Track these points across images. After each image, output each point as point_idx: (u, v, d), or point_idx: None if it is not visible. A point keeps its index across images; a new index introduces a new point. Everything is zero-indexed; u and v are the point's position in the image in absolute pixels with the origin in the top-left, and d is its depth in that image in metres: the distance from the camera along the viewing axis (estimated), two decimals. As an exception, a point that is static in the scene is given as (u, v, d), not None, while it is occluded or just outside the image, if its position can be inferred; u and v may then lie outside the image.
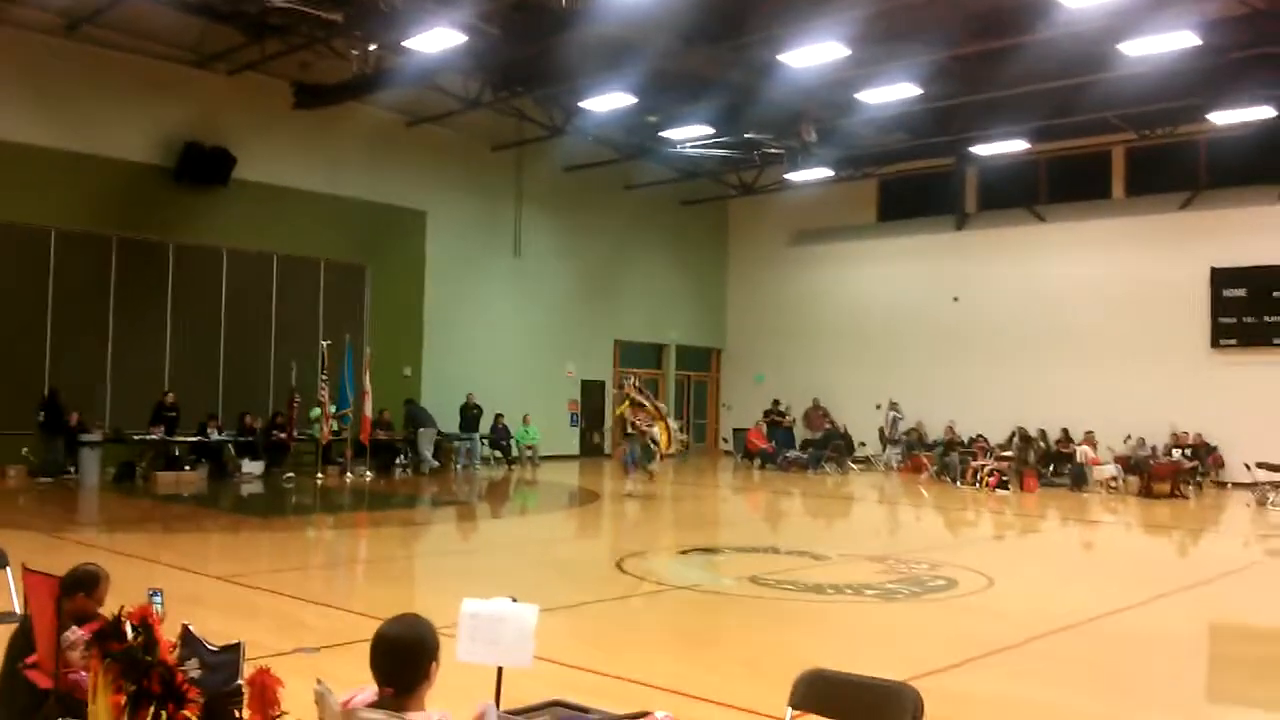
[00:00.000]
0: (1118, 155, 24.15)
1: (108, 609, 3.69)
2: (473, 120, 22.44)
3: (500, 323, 24.68)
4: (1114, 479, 20.17)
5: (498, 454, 23.45)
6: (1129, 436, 21.80)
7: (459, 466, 22.26)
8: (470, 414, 22.53)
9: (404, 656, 2.83)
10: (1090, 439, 21.63)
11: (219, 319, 20.38)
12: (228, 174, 19.78)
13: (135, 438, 18.27)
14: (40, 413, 17.61)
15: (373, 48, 18.36)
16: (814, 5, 15.29)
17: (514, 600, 3.71)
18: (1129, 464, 20.81)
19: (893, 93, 18.59)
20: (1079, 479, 20.42)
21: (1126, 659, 7.58)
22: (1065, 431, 22.50)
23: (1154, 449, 21.47)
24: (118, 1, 17.00)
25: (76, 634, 4.43)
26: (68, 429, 17.54)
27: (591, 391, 27.26)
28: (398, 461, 21.19)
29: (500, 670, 3.76)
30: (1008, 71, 17.65)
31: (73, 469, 17.33)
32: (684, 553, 11.95)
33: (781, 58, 16.61)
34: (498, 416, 23.21)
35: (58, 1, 17.22)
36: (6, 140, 17.49)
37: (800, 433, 26.98)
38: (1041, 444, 22.58)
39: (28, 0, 17.15)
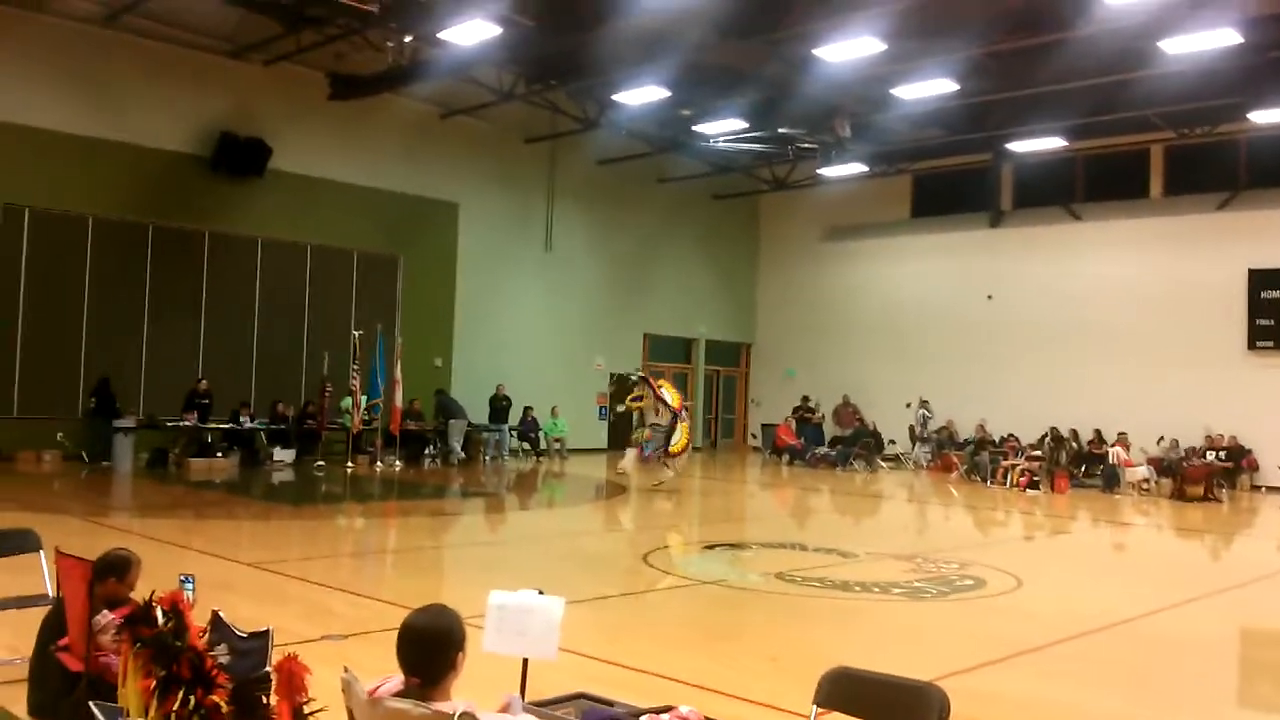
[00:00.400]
0: (1156, 154, 23.87)
1: (139, 594, 3.72)
2: (506, 113, 22.50)
3: (530, 315, 24.75)
4: (1146, 481, 19.97)
5: (526, 446, 23.52)
6: (1162, 438, 21.57)
7: (487, 458, 22.34)
8: (499, 406, 22.61)
9: (430, 647, 2.84)
10: (1123, 440, 21.40)
11: (253, 308, 20.56)
12: (263, 164, 19.94)
13: (169, 424, 18.47)
14: (91, 399, 17.89)
15: (408, 39, 18.44)
16: (850, 0, 15.21)
17: (540, 592, 3.73)
18: (1162, 466, 20.60)
19: (929, 88, 18.47)
20: (1111, 480, 20.22)
21: (1157, 662, 7.50)
22: (1098, 432, 22.28)
23: (1187, 451, 21.22)
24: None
25: (108, 618, 4.48)
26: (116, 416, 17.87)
27: (621, 385, 27.26)
28: (427, 452, 21.30)
29: (525, 662, 3.77)
30: (1046, 68, 17.49)
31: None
32: (710, 548, 11.94)
33: (817, 52, 16.54)
34: (527, 409, 23.27)
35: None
36: (45, 128, 17.71)
37: (829, 429, 26.88)
38: (1073, 444, 22.38)
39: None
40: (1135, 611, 8.92)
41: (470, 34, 16.32)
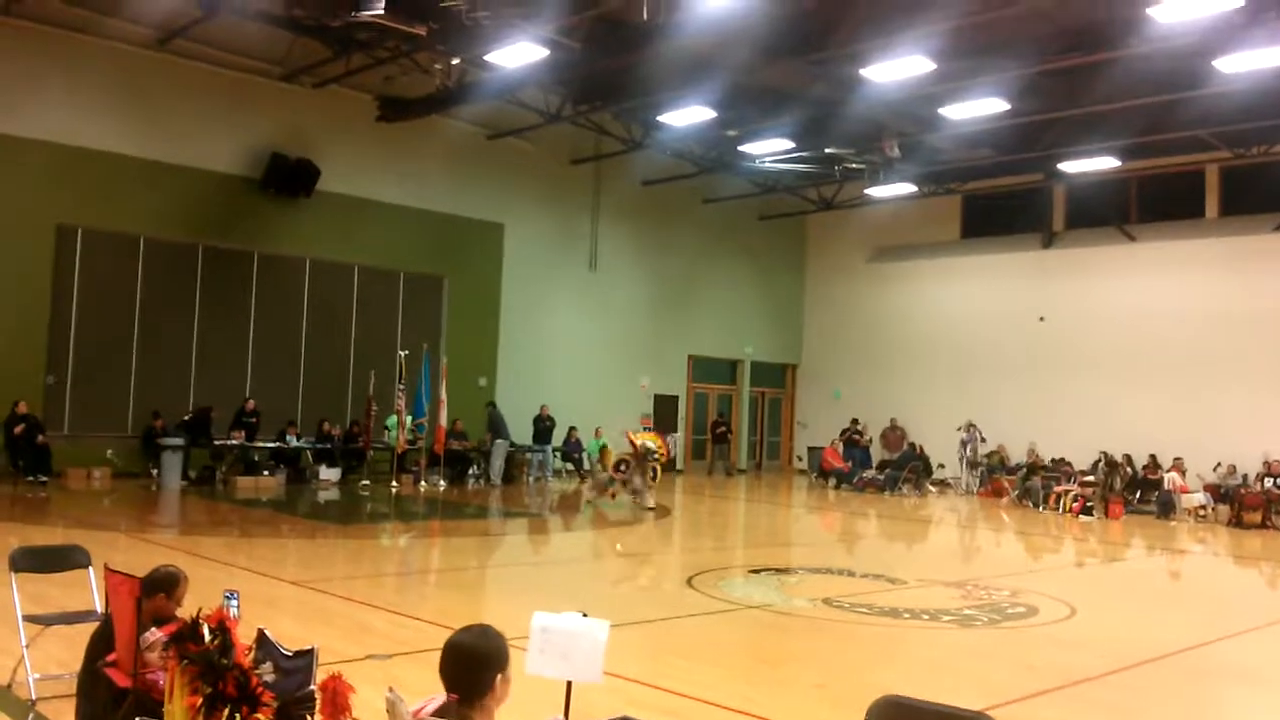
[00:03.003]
0: (1211, 174, 23.49)
1: (186, 610, 3.72)
2: (552, 134, 22.62)
3: (575, 335, 24.78)
4: (1203, 508, 19.55)
5: (569, 466, 23.48)
6: (1219, 464, 21.11)
7: (531, 478, 22.34)
8: (543, 426, 22.60)
9: (469, 664, 2.83)
10: (1179, 466, 20.98)
11: (300, 327, 20.76)
12: (312, 185, 20.17)
13: (216, 442, 18.67)
14: (189, 418, 18.36)
15: (455, 62, 18.63)
16: (899, 19, 15.11)
17: (585, 615, 3.67)
18: (1219, 493, 20.17)
19: (979, 108, 18.29)
20: (1166, 507, 19.82)
21: (1214, 694, 7.30)
22: (1153, 458, 21.87)
23: (1245, 477, 20.76)
24: (208, 16, 17.46)
25: (155, 635, 4.49)
26: (209, 443, 18.43)
27: (665, 405, 27.21)
28: (471, 472, 21.34)
29: (569, 684, 3.71)
30: (1098, 87, 17.26)
31: (155, 471, 17.74)
32: (755, 572, 11.81)
33: (864, 72, 16.44)
34: (571, 429, 23.26)
35: (151, 16, 17.76)
36: (99, 150, 18.05)
37: (877, 453, 26.60)
38: (1128, 470, 21.97)
39: (121, 14, 17.72)
40: (1191, 641, 8.70)
41: (517, 56, 16.41)
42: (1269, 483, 20.46)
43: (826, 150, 23.01)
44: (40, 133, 17.46)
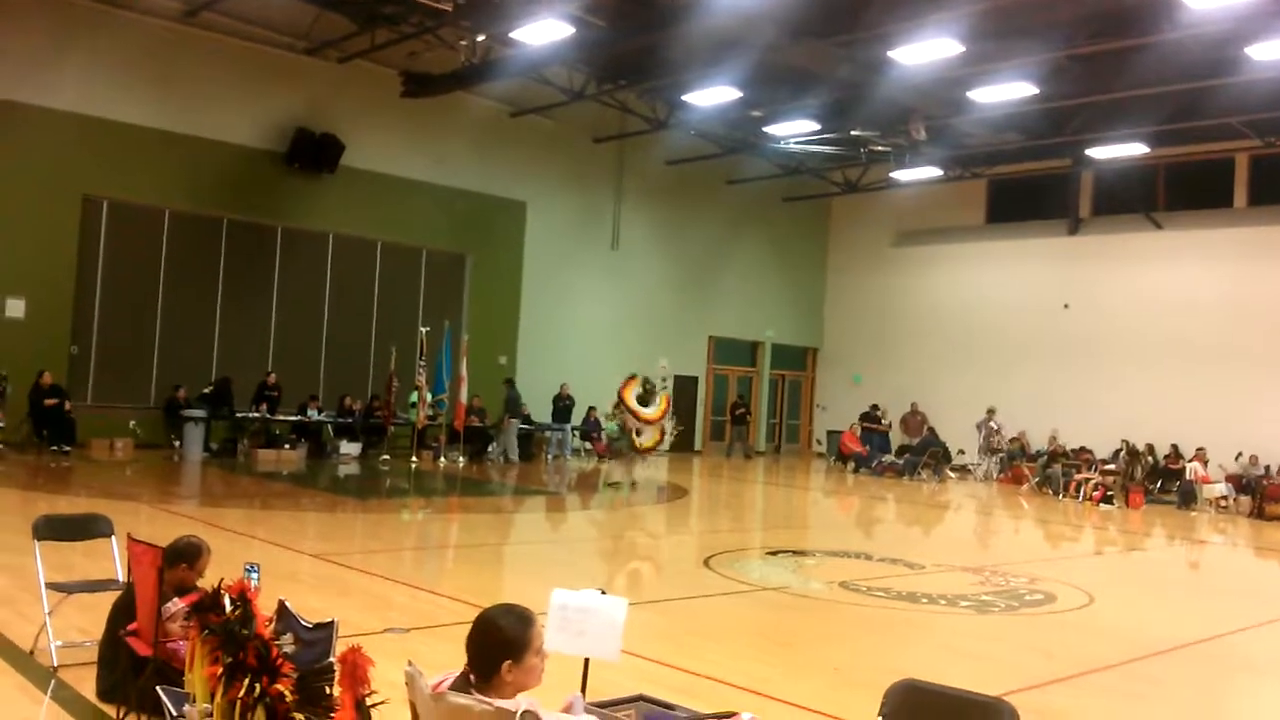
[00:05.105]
0: (1241, 162, 23.23)
1: (207, 581, 3.75)
2: (576, 112, 22.54)
3: (595, 315, 24.78)
4: (1224, 498, 19.44)
5: (588, 445, 23.52)
6: (1241, 454, 20.95)
7: (550, 457, 22.39)
8: (562, 405, 22.63)
9: (482, 642, 2.84)
10: (1201, 455, 20.84)
11: (322, 302, 20.84)
12: (336, 160, 20.20)
13: (238, 415, 18.78)
14: (209, 390, 18.51)
15: (480, 38, 18.57)
16: (927, 1, 14.97)
17: (603, 592, 3.68)
18: (1241, 483, 20.03)
19: (1007, 91, 18.11)
20: (1187, 497, 19.70)
21: (1232, 685, 7.26)
22: (1175, 447, 21.73)
23: (1267, 468, 20.61)
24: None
25: (177, 605, 4.53)
26: (230, 414, 18.59)
27: (685, 387, 27.19)
28: (490, 449, 21.40)
29: (587, 662, 3.73)
30: (1128, 73, 17.07)
31: (177, 443, 17.88)
32: (773, 554, 11.81)
33: (892, 54, 16.30)
34: (590, 409, 23.28)
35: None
36: (124, 122, 18.09)
37: (896, 438, 26.52)
38: (1149, 459, 21.83)
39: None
40: (1211, 632, 8.65)
41: (542, 33, 16.36)
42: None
43: (852, 132, 22.87)
44: (67, 104, 17.52)
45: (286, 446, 18.94)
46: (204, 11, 18.41)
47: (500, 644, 2.82)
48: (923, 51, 16.08)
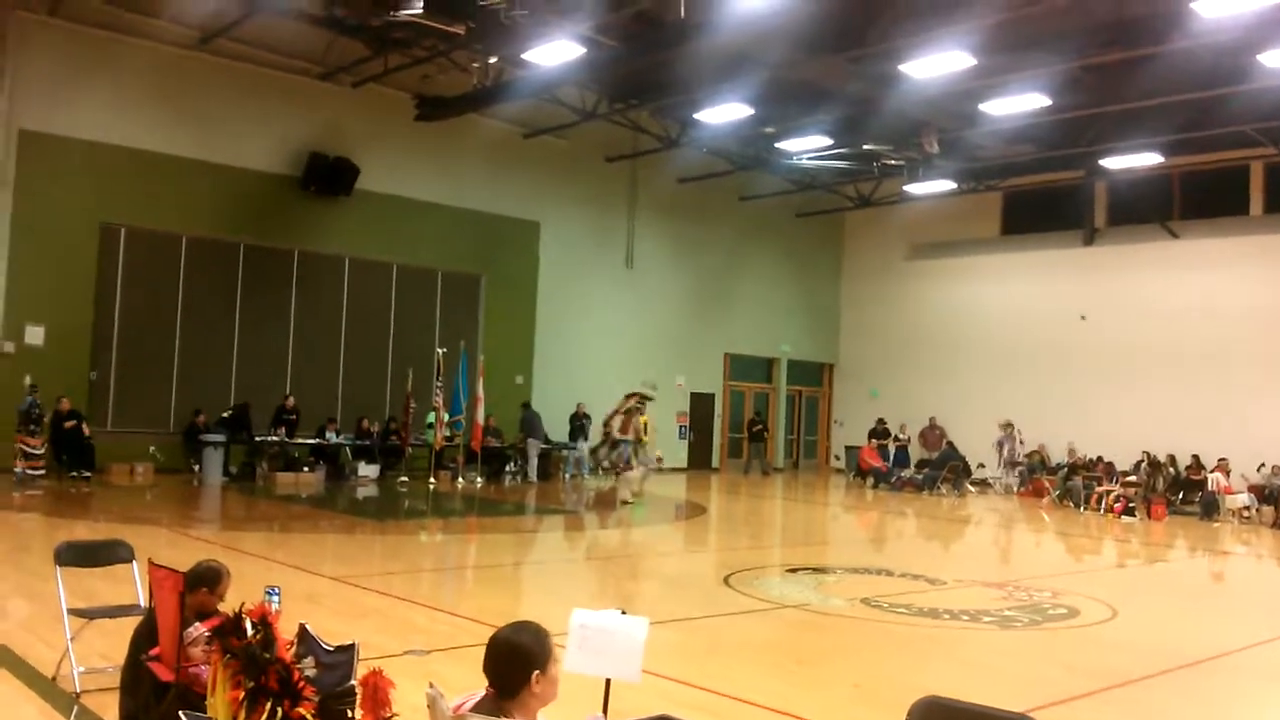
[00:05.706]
0: (1256, 171, 23.13)
1: (228, 605, 3.75)
2: (588, 132, 22.63)
3: (611, 333, 24.80)
4: (1247, 509, 19.27)
5: (606, 465, 23.45)
6: (1263, 464, 20.77)
7: (567, 476, 22.38)
8: (579, 424, 22.63)
9: (506, 660, 2.88)
10: (1223, 466, 20.66)
11: (339, 325, 20.93)
12: (351, 184, 20.33)
13: (256, 439, 18.84)
14: (228, 414, 18.58)
15: (493, 60, 18.67)
16: (938, 14, 14.97)
17: (623, 612, 3.67)
18: (1263, 493, 19.86)
19: (1019, 103, 18.09)
20: (1210, 508, 19.54)
21: (1255, 698, 7.18)
22: (1196, 458, 21.56)
23: (1291, 478, 20.42)
24: (249, 16, 17.63)
25: (198, 629, 4.53)
26: (249, 439, 18.66)
27: (701, 404, 27.17)
28: (508, 469, 21.41)
29: (608, 682, 3.71)
30: (1141, 83, 17.03)
31: (196, 467, 17.94)
32: (793, 571, 11.76)
33: (903, 68, 16.31)
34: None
35: (192, 16, 17.96)
36: (140, 149, 18.27)
37: (915, 452, 26.40)
38: (1170, 470, 21.67)
39: (163, 14, 17.94)
40: (1235, 644, 8.57)
41: (554, 55, 16.43)
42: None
43: (865, 147, 22.85)
44: (84, 133, 17.71)
45: (305, 469, 18.99)
46: (218, 38, 18.60)
47: (525, 658, 2.87)
48: (934, 65, 16.08)
